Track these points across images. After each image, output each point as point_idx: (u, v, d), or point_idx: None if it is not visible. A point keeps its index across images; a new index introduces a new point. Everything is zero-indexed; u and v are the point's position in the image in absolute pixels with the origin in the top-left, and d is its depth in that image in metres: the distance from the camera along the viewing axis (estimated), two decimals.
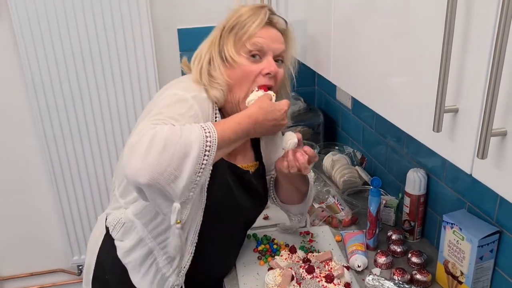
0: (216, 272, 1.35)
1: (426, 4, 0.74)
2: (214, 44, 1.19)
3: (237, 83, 1.16)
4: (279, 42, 1.18)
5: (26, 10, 1.95)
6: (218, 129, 1.00)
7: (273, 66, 1.15)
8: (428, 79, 0.75)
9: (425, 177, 1.43)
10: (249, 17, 1.15)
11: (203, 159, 0.97)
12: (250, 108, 1.10)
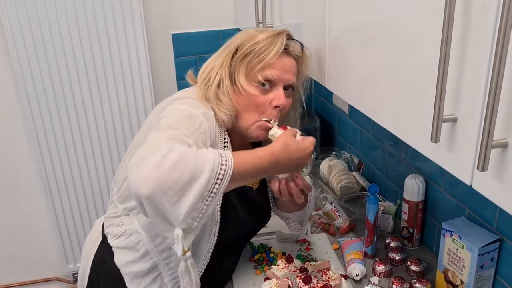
0: (213, 285, 1.32)
1: (425, 10, 0.72)
2: (224, 67, 1.15)
3: (245, 110, 1.13)
4: (292, 72, 1.15)
5: (18, 17, 1.93)
6: (235, 159, 0.92)
7: (282, 99, 1.12)
8: (426, 86, 0.73)
9: (424, 184, 1.41)
10: (265, 46, 1.11)
11: (213, 187, 0.89)
12: (274, 144, 1.03)
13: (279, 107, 1.12)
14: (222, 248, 1.20)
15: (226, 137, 1.14)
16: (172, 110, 1.05)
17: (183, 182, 0.86)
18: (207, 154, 0.90)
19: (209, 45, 2.17)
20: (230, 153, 0.93)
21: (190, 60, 2.18)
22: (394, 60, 0.83)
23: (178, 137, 0.95)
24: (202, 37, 2.16)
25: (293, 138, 1.05)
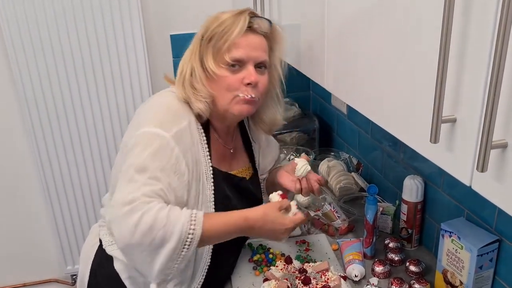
0: (213, 284, 1.32)
1: (423, 11, 0.72)
2: (194, 55, 1.16)
3: (220, 94, 1.14)
4: (260, 49, 1.14)
5: (16, 18, 1.92)
6: (206, 224, 1.01)
7: (253, 75, 1.12)
8: (425, 87, 0.73)
9: (422, 184, 1.41)
10: (228, 26, 1.11)
11: (181, 250, 1.00)
12: (252, 210, 1.08)
13: (251, 84, 1.12)
14: (222, 244, 1.20)
15: (203, 135, 1.16)
16: (142, 139, 1.07)
17: (155, 246, 0.98)
18: (177, 223, 0.99)
19: None
20: (201, 218, 1.01)
21: None
22: (393, 61, 0.83)
23: (153, 192, 1.01)
24: None
25: (275, 210, 1.08)
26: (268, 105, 1.27)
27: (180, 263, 1.02)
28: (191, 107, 1.14)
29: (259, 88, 1.15)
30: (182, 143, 1.09)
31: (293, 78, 2.27)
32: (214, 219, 1.05)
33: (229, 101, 1.14)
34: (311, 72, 1.30)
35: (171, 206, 1.02)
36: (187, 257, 1.02)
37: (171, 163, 1.06)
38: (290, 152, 2.03)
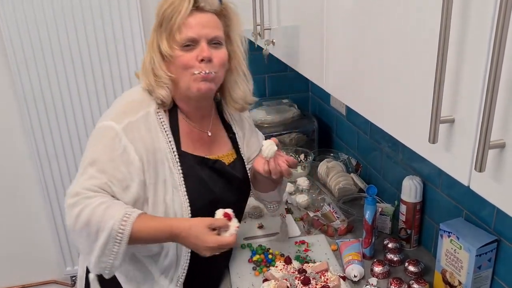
0: (206, 274, 1.32)
1: (422, 12, 0.73)
2: (152, 43, 1.18)
3: (179, 75, 1.16)
4: (210, 26, 1.16)
5: (15, 17, 1.93)
6: (137, 226, 1.05)
7: (206, 51, 1.13)
8: (424, 88, 0.73)
9: (421, 185, 1.42)
10: (175, 8, 1.13)
11: (113, 246, 1.05)
12: (181, 221, 1.11)
13: (204, 60, 1.13)
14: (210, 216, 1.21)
15: (163, 120, 1.18)
16: (97, 132, 1.16)
17: (91, 239, 1.05)
18: (110, 220, 1.04)
19: None
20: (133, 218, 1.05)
21: None
22: (392, 62, 0.83)
23: (97, 186, 1.08)
24: None
25: (203, 227, 1.08)
26: (236, 83, 1.28)
27: (115, 259, 1.06)
28: (154, 95, 1.18)
29: (215, 63, 1.16)
30: (133, 133, 1.13)
31: (292, 80, 2.30)
32: (146, 222, 1.08)
33: (188, 81, 1.16)
34: (310, 73, 1.30)
35: (112, 203, 1.07)
36: (121, 254, 1.06)
37: (118, 153, 1.11)
38: (289, 153, 2.04)
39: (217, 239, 1.08)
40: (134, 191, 1.12)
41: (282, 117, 2.11)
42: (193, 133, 1.25)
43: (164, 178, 1.16)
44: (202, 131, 1.27)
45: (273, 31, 1.50)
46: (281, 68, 2.24)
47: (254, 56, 2.21)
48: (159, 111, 1.19)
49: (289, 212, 1.74)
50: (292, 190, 1.85)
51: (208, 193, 1.22)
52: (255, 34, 1.56)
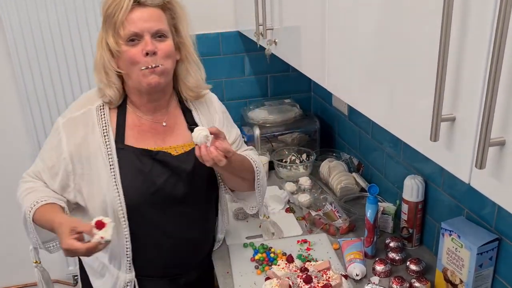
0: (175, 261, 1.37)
1: (422, 11, 0.73)
2: (101, 41, 1.23)
3: (128, 70, 1.21)
4: (153, 19, 1.20)
5: (18, 18, 1.94)
6: (36, 215, 1.21)
7: (149, 45, 1.17)
8: (425, 87, 0.74)
9: (423, 184, 1.42)
10: (116, 5, 1.17)
11: (28, 227, 1.24)
12: (60, 219, 1.16)
13: (149, 54, 1.18)
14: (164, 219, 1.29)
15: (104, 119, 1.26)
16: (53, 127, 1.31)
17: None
18: (24, 205, 1.24)
19: (209, 48, 2.18)
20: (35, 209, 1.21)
21: None
22: (393, 61, 0.84)
23: (33, 172, 1.31)
24: (202, 40, 2.15)
25: (66, 227, 1.10)
26: (188, 71, 1.32)
27: (34, 237, 1.26)
28: (101, 94, 1.26)
29: (159, 56, 1.20)
30: (70, 128, 1.25)
31: (294, 80, 2.30)
32: (44, 212, 1.20)
33: (137, 76, 1.20)
34: (312, 72, 1.31)
35: (37, 190, 1.27)
36: (36, 234, 1.24)
37: (54, 145, 1.26)
38: (291, 152, 2.04)
39: (70, 242, 1.08)
40: (60, 179, 1.26)
41: (284, 117, 2.12)
42: (143, 125, 1.30)
43: (98, 171, 1.23)
44: (156, 123, 1.31)
45: (276, 31, 1.51)
46: (283, 68, 2.25)
47: (256, 56, 2.24)
48: (102, 108, 1.27)
49: (291, 211, 1.75)
50: (294, 190, 1.86)
51: (148, 185, 1.25)
52: (258, 34, 1.57)
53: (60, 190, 1.27)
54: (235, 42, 2.20)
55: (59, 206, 1.23)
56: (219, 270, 1.44)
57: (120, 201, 1.22)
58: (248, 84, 2.29)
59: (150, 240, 1.31)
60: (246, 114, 2.17)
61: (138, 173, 1.25)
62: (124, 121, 1.28)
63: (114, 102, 1.27)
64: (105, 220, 1.10)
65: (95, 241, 1.08)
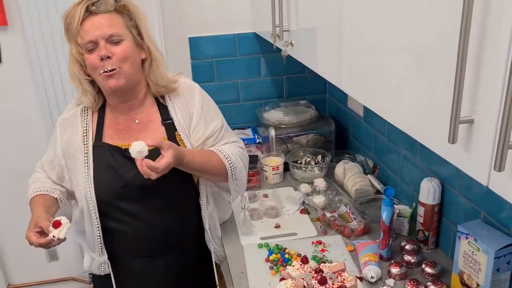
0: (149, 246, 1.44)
1: (442, 11, 0.73)
2: (70, 51, 1.32)
3: (93, 76, 1.32)
4: (105, 25, 1.27)
5: (39, 20, 1.97)
6: (31, 204, 1.38)
7: (103, 50, 1.26)
8: (443, 89, 0.73)
9: (440, 186, 1.41)
10: (70, 18, 1.27)
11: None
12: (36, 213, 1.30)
13: (103, 59, 1.26)
14: (138, 210, 1.38)
15: (86, 119, 1.40)
16: None
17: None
18: (28, 193, 1.42)
19: (225, 49, 2.20)
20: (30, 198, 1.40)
21: (206, 64, 2.21)
22: (411, 62, 0.84)
23: (40, 164, 1.49)
24: (218, 41, 2.18)
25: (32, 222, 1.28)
26: (153, 68, 1.38)
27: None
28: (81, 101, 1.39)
29: (115, 59, 1.27)
30: (62, 127, 1.41)
31: (310, 81, 2.31)
32: (33, 203, 1.37)
33: (100, 80, 1.31)
34: (328, 74, 1.31)
35: (39, 180, 1.44)
36: None
37: (53, 141, 1.44)
38: (306, 154, 2.05)
39: (28, 234, 1.25)
40: (56, 171, 1.42)
41: (299, 118, 2.12)
42: (119, 124, 1.41)
43: (77, 168, 1.37)
44: (130, 121, 1.40)
45: (292, 33, 1.51)
46: (299, 70, 2.25)
47: (272, 57, 2.25)
48: (86, 110, 1.41)
49: (306, 212, 1.75)
50: (309, 191, 1.86)
51: (117, 179, 1.35)
52: (274, 36, 1.57)
53: (57, 180, 1.43)
54: (251, 44, 2.21)
55: (51, 196, 1.39)
56: (233, 270, 1.45)
57: (90, 195, 1.35)
58: (264, 85, 2.30)
59: (125, 227, 1.41)
60: (261, 115, 2.18)
61: (110, 169, 1.36)
62: (103, 121, 1.40)
63: (91, 107, 1.39)
64: (62, 221, 1.24)
65: (48, 239, 1.23)
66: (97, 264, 1.46)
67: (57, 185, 1.44)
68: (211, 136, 1.44)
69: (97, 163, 1.36)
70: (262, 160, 2.02)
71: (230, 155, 1.42)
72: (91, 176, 1.35)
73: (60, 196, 1.41)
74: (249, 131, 2.27)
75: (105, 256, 1.44)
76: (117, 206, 1.38)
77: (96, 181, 1.35)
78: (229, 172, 1.41)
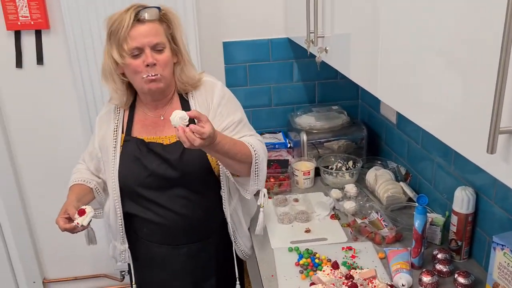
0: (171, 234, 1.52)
1: (481, 18, 0.73)
2: (106, 54, 1.41)
3: (132, 79, 1.42)
4: (152, 34, 1.36)
5: (80, 24, 2.03)
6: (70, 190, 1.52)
7: (149, 58, 1.35)
8: (482, 97, 0.73)
9: (474, 196, 1.39)
10: (119, 24, 1.34)
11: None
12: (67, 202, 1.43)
13: (149, 65, 1.36)
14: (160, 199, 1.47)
15: (118, 115, 1.52)
16: None
17: None
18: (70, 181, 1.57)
19: (258, 54, 2.22)
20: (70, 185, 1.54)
21: (240, 68, 2.23)
22: (450, 71, 0.84)
23: (83, 155, 1.62)
24: (252, 46, 2.21)
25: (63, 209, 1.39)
26: (183, 71, 1.47)
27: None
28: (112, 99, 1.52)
29: (158, 66, 1.38)
30: (99, 123, 1.56)
31: (342, 87, 2.31)
32: (71, 191, 1.51)
33: (139, 83, 1.40)
34: (363, 80, 1.31)
35: (79, 171, 1.59)
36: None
37: (93, 135, 1.59)
38: (337, 159, 2.05)
39: (57, 219, 1.37)
40: (94, 163, 1.56)
41: (331, 123, 2.12)
42: (147, 120, 1.51)
43: (108, 160, 1.49)
44: (156, 117, 1.50)
45: (326, 39, 1.52)
46: (332, 75, 2.25)
47: (305, 62, 2.26)
48: (119, 107, 1.53)
49: (336, 217, 1.75)
50: (340, 197, 1.86)
51: (142, 169, 1.46)
52: (308, 42, 1.58)
53: (95, 171, 1.58)
54: (284, 49, 2.23)
55: (87, 186, 1.53)
56: (263, 272, 1.47)
57: (114, 184, 1.48)
58: (296, 90, 2.31)
59: (151, 215, 1.50)
60: (293, 120, 2.19)
61: (136, 160, 1.47)
62: (133, 117, 1.52)
63: (119, 105, 1.51)
64: (87, 210, 1.37)
65: (72, 225, 1.36)
66: (118, 252, 1.60)
67: (95, 176, 1.58)
68: (227, 129, 1.48)
69: (125, 155, 1.48)
70: (293, 164, 2.03)
71: (254, 144, 1.45)
72: (117, 167, 1.47)
73: (96, 187, 1.54)
74: (280, 135, 2.28)
75: (126, 245, 1.57)
76: (142, 195, 1.48)
77: (121, 172, 1.47)
78: (253, 160, 1.42)
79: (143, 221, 1.52)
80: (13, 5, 2.03)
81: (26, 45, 2.13)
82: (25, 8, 2.04)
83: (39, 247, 2.53)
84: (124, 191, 1.49)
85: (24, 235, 2.44)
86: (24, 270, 2.51)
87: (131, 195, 1.50)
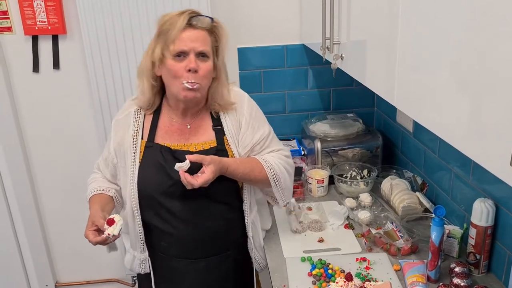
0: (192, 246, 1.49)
1: (501, 29, 0.70)
2: (148, 51, 1.40)
3: (169, 82, 1.39)
4: (199, 41, 1.35)
5: (96, 30, 2.04)
6: (90, 202, 1.48)
7: (193, 63, 1.33)
8: (506, 109, 0.70)
9: (493, 208, 1.35)
10: (171, 24, 1.34)
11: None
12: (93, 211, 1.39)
13: (191, 70, 1.33)
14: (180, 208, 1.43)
15: (138, 120, 1.48)
16: None
17: None
18: (87, 191, 1.54)
19: (273, 60, 2.20)
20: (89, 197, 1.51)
21: (254, 74, 2.22)
22: (471, 80, 0.81)
23: (97, 164, 1.59)
24: (267, 52, 2.20)
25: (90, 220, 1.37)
26: (217, 89, 1.45)
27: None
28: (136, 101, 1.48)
29: (200, 74, 1.35)
30: (116, 127, 1.51)
31: (358, 94, 2.28)
32: (91, 201, 1.47)
33: (177, 88, 1.37)
34: (379, 88, 1.28)
35: (95, 180, 1.55)
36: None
37: (108, 140, 1.53)
38: (352, 168, 2.01)
39: (87, 233, 1.33)
40: (110, 169, 1.52)
41: (346, 131, 2.09)
42: (173, 126, 1.48)
43: (126, 166, 1.45)
44: (183, 124, 1.48)
45: (342, 46, 1.50)
46: (347, 82, 2.23)
47: (320, 69, 2.23)
48: (139, 111, 1.49)
49: (350, 227, 1.72)
50: (354, 206, 1.83)
51: (166, 177, 1.41)
52: (324, 48, 1.56)
53: (111, 178, 1.54)
54: (299, 55, 2.21)
55: (107, 195, 1.50)
56: (275, 282, 1.44)
57: (133, 192, 1.43)
58: (311, 97, 2.29)
59: (169, 228, 1.46)
60: (307, 127, 2.16)
61: (159, 167, 1.42)
62: (157, 122, 1.48)
63: (143, 107, 1.48)
64: (116, 218, 1.32)
65: (103, 236, 1.31)
66: (138, 262, 1.54)
67: (112, 184, 1.54)
68: (258, 144, 1.50)
69: (146, 162, 1.44)
70: (307, 172, 2.00)
71: (273, 165, 1.47)
72: (136, 174, 1.43)
73: (115, 195, 1.52)
74: (294, 142, 2.26)
75: (146, 253, 1.51)
76: (162, 204, 1.44)
77: (141, 179, 1.43)
78: (272, 182, 1.48)
79: (161, 233, 1.48)
80: (31, 10, 2.05)
81: (43, 50, 2.15)
82: (42, 13, 2.06)
83: (52, 251, 2.54)
84: (142, 199, 1.45)
85: (38, 239, 2.46)
86: (36, 273, 2.52)
87: (150, 203, 1.45)
